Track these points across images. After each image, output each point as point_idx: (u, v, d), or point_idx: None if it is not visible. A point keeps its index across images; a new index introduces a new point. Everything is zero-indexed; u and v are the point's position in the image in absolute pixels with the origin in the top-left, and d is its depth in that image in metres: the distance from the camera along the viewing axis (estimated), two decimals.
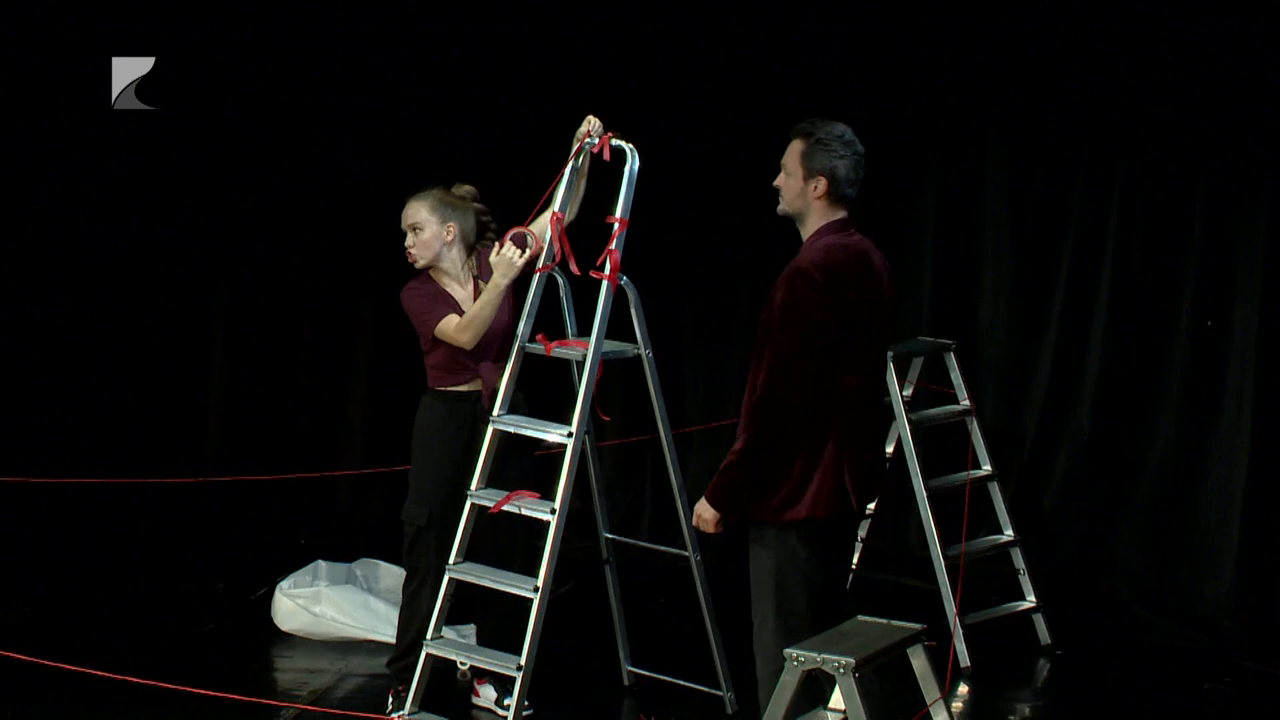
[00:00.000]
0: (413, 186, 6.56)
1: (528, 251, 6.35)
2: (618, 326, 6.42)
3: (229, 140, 8.88)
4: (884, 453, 5.77)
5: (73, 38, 8.40)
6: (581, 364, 6.33)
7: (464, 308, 6.44)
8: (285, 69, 8.82)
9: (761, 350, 5.33)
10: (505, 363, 6.41)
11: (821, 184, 5.39)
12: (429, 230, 6.44)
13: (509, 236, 6.40)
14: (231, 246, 9.05)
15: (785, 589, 5.38)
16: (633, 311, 6.47)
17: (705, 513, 5.45)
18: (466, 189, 6.58)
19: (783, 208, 5.50)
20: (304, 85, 8.86)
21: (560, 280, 6.57)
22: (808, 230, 5.46)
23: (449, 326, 6.37)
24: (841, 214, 5.44)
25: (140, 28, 8.44)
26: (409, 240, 6.46)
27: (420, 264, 6.47)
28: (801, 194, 5.43)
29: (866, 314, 5.40)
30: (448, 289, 6.49)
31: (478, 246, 6.57)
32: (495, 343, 6.46)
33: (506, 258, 6.32)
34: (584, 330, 6.46)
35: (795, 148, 5.44)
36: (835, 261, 5.33)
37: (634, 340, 6.50)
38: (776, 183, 5.49)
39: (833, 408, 5.33)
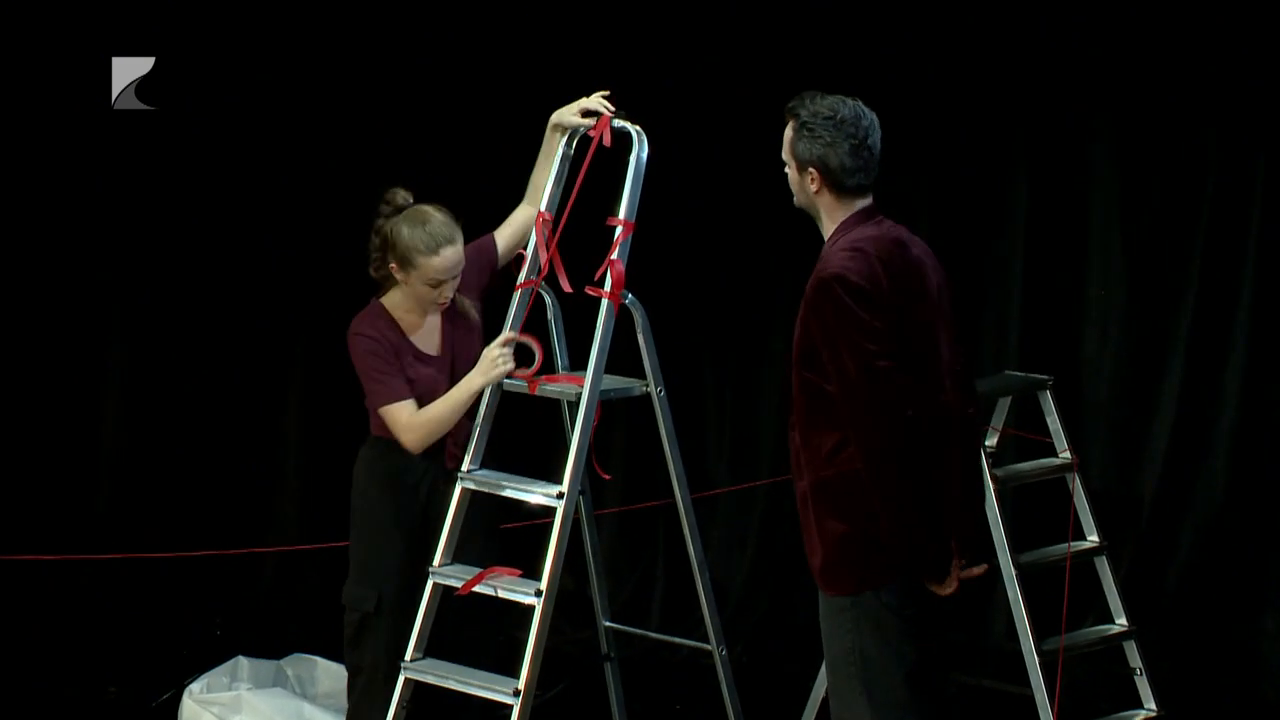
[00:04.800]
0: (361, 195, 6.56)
1: (509, 365, 6.33)
2: (621, 357, 6.43)
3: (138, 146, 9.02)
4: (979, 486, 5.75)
5: (73, 38, 8.97)
6: (575, 405, 6.34)
7: (422, 345, 6.42)
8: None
9: (801, 391, 5.36)
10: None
11: (815, 177, 5.50)
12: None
13: (507, 339, 6.38)
14: (130, 262, 9.08)
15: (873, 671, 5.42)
16: (640, 338, 6.47)
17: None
18: (405, 194, 6.56)
19: (795, 202, 5.62)
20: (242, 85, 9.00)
21: (547, 299, 6.58)
22: (826, 230, 5.55)
23: (399, 416, 6.34)
24: (861, 203, 5.52)
25: (140, 28, 8.92)
26: (449, 291, 6.41)
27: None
28: (802, 189, 5.55)
29: (920, 314, 5.44)
30: (404, 319, 6.46)
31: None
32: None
33: (490, 357, 6.33)
34: (578, 363, 6.47)
35: (786, 134, 5.57)
36: (868, 257, 5.38)
37: (641, 375, 6.51)
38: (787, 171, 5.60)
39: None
